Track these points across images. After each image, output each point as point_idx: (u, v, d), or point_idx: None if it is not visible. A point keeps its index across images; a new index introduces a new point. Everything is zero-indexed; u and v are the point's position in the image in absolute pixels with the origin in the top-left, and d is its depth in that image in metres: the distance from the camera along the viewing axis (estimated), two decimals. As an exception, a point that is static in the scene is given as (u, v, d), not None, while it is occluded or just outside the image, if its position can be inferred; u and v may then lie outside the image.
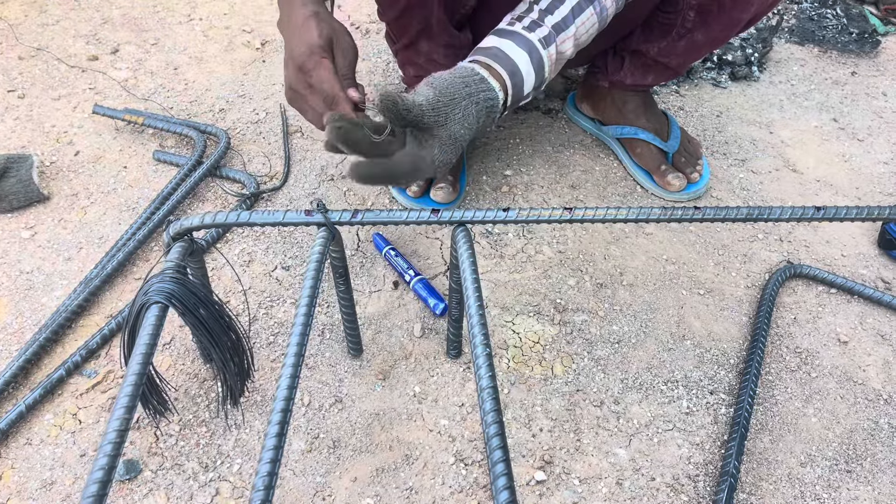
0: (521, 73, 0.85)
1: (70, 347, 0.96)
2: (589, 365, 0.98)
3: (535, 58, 0.86)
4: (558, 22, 0.89)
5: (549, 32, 0.88)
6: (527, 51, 0.86)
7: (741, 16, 1.03)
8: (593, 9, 0.91)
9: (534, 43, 0.87)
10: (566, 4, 0.90)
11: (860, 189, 1.28)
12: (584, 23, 0.91)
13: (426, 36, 1.09)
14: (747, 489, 0.87)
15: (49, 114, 1.34)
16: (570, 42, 0.91)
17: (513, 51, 0.86)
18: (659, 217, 0.78)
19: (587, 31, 0.93)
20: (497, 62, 0.84)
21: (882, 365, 1.01)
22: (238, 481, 0.84)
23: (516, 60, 0.85)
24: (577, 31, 0.91)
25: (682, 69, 1.20)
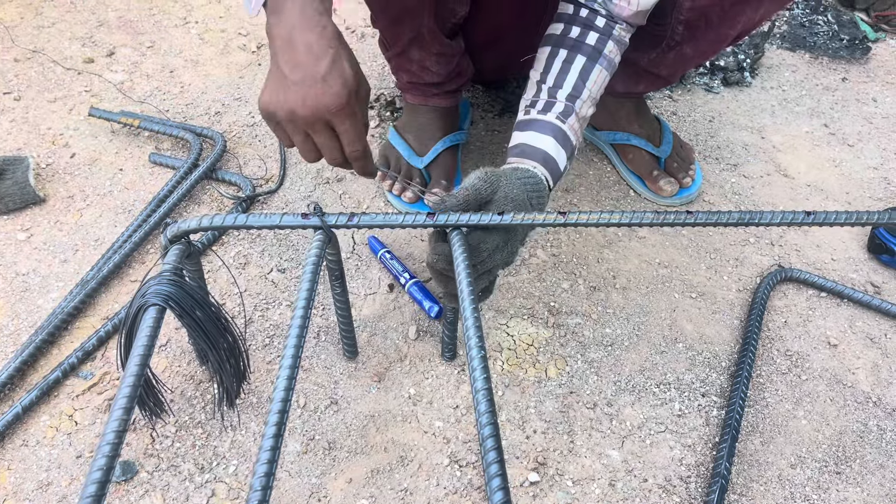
0: (553, 156, 0.89)
1: (66, 349, 0.97)
2: (582, 367, 0.99)
3: (560, 136, 0.90)
4: (570, 92, 0.93)
5: (564, 106, 0.92)
6: (550, 134, 0.90)
7: (728, 32, 1.05)
8: (600, 65, 0.95)
9: (553, 123, 0.91)
10: (572, 72, 0.94)
11: (850, 194, 1.29)
12: (595, 82, 0.95)
13: (418, 44, 1.10)
14: (738, 490, 0.88)
15: (45, 116, 1.35)
16: (588, 104, 0.95)
17: (537, 140, 0.89)
18: (652, 221, 0.78)
19: (600, 86, 0.96)
20: (527, 157, 0.88)
21: (871, 368, 1.02)
22: (234, 482, 0.85)
23: (544, 148, 0.89)
24: (591, 92, 0.95)
25: (673, 78, 1.21)
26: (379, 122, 1.37)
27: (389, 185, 1.21)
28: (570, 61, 0.95)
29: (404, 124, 1.25)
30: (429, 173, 1.20)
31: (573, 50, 0.95)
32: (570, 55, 0.95)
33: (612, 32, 0.96)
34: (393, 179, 1.20)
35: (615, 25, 0.96)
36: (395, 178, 1.20)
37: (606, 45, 0.96)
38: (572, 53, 0.95)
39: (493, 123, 1.39)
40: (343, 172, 1.26)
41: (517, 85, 1.44)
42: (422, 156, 1.21)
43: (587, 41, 0.95)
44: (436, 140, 1.21)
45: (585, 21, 0.96)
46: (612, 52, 0.96)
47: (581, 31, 0.96)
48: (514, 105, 1.41)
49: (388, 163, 1.22)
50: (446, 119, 1.23)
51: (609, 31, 0.96)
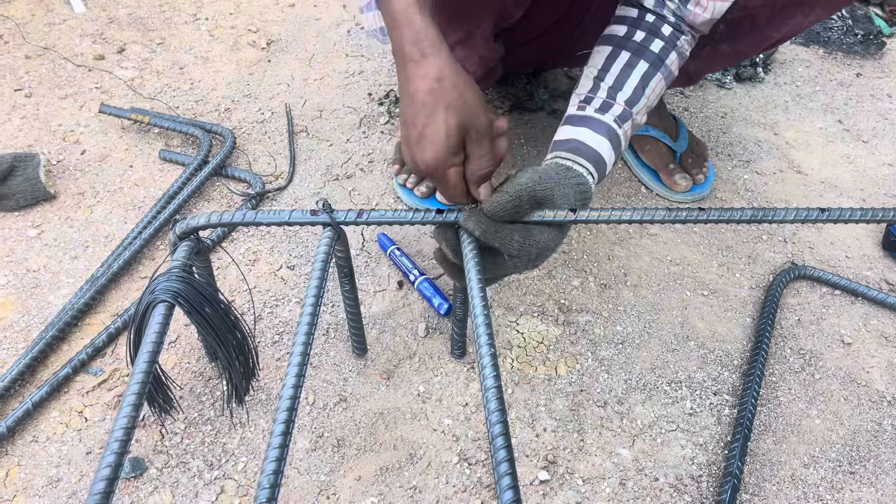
0: (604, 160, 0.86)
1: (76, 345, 0.97)
2: (593, 365, 0.98)
3: (614, 140, 0.87)
4: (630, 97, 0.90)
5: (623, 110, 0.89)
6: (605, 135, 0.87)
7: (772, 34, 1.03)
8: (661, 74, 0.93)
9: (609, 125, 0.87)
10: (633, 77, 0.91)
11: (865, 191, 1.28)
12: (653, 90, 0.92)
13: (464, 44, 1.08)
14: (750, 490, 0.87)
15: (56, 113, 1.35)
16: (643, 112, 0.93)
17: (591, 138, 0.86)
18: (664, 218, 0.78)
19: (657, 96, 0.94)
20: (579, 155, 0.84)
21: (886, 366, 1.01)
22: (243, 479, 0.85)
23: (598, 150, 0.85)
24: (648, 101, 0.92)
25: (697, 77, 1.20)
26: (389, 118, 1.37)
27: (404, 180, 1.20)
28: (631, 65, 0.92)
29: None
30: None
31: (636, 54, 0.92)
32: (632, 59, 0.92)
33: (677, 43, 0.94)
34: (408, 173, 1.20)
35: (680, 37, 0.94)
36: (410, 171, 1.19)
37: (669, 56, 0.93)
38: (635, 58, 0.92)
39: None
40: (353, 169, 1.26)
41: (527, 81, 1.44)
42: None
43: (651, 48, 0.93)
44: None
45: (651, 27, 0.94)
46: (672, 63, 0.94)
47: (646, 36, 0.93)
48: (524, 102, 1.40)
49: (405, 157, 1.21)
50: None
51: (674, 42, 0.93)
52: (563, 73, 1.49)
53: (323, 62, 1.52)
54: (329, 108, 1.40)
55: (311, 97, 1.42)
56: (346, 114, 1.38)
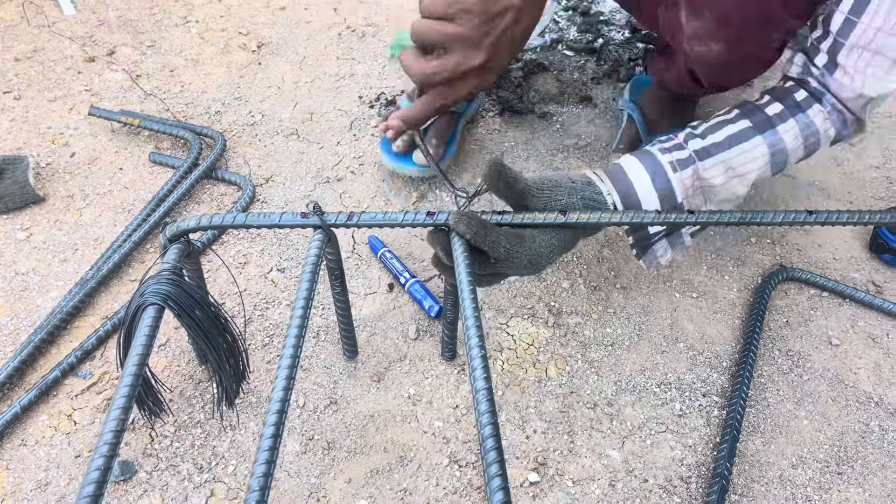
0: (637, 194, 0.79)
1: (65, 349, 0.96)
2: (583, 367, 0.99)
3: (659, 181, 0.80)
4: (706, 146, 0.82)
5: (687, 156, 0.81)
6: (650, 172, 0.80)
7: None
8: (763, 138, 0.82)
9: (662, 165, 0.80)
10: (724, 132, 0.83)
11: (852, 193, 1.29)
12: (745, 152, 0.82)
13: None
14: (739, 491, 0.87)
15: (45, 115, 1.34)
16: (720, 171, 0.82)
17: (634, 170, 0.80)
18: (653, 220, 0.78)
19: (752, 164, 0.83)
20: (610, 177, 0.79)
21: (873, 367, 1.01)
22: (233, 482, 0.84)
23: (633, 180, 0.79)
24: (732, 162, 0.82)
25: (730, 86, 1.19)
26: (380, 120, 1.37)
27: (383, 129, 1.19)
28: (732, 122, 0.84)
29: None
30: (425, 129, 1.21)
31: (744, 114, 0.84)
32: (737, 117, 0.84)
33: (805, 111, 0.83)
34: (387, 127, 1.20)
35: (813, 104, 0.84)
36: None
37: (786, 122, 0.83)
38: (741, 116, 0.84)
39: (493, 123, 1.39)
40: (343, 172, 1.26)
41: (518, 84, 1.44)
42: None
43: (766, 109, 0.84)
44: None
45: (781, 92, 0.86)
46: (787, 132, 0.82)
47: (769, 99, 0.86)
48: (513, 104, 1.40)
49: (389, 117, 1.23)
50: None
51: (800, 108, 0.83)
52: (553, 76, 1.49)
53: (314, 65, 1.52)
54: (319, 110, 1.40)
55: (302, 100, 1.42)
56: (337, 116, 1.38)
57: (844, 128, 0.88)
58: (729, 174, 0.83)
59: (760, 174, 0.85)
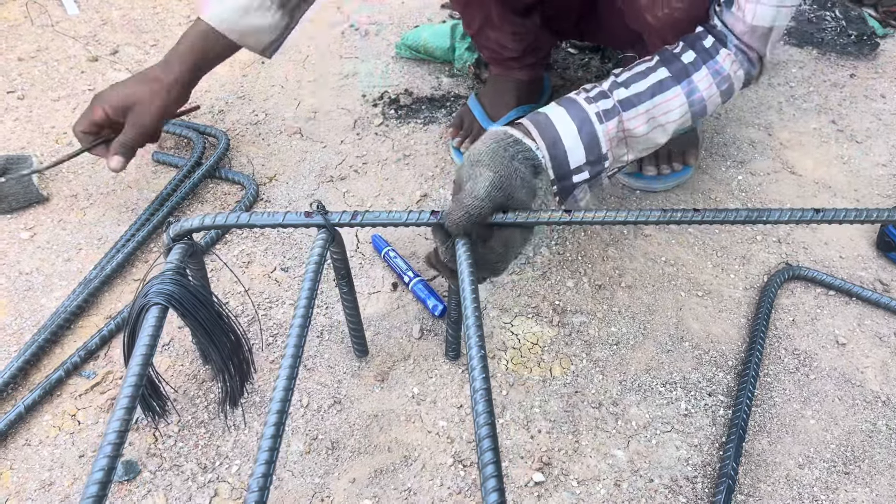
0: (564, 144, 0.80)
1: (69, 348, 0.96)
2: (587, 366, 0.98)
3: (585, 131, 0.81)
4: (629, 97, 0.84)
5: (612, 106, 0.83)
6: (577, 123, 0.81)
7: None
8: (681, 88, 0.85)
9: (588, 115, 0.81)
10: (646, 81, 0.85)
11: (859, 191, 1.28)
12: (666, 101, 0.85)
13: (490, 26, 1.18)
14: (745, 491, 0.87)
15: (48, 115, 1.34)
16: (642, 121, 0.84)
17: (561, 120, 0.80)
18: (658, 219, 0.78)
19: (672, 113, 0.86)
20: (537, 128, 0.80)
21: (880, 367, 1.01)
22: (237, 482, 0.84)
23: (560, 130, 0.80)
24: (653, 112, 0.84)
25: None
26: (383, 119, 1.37)
27: (459, 143, 1.26)
28: (652, 70, 0.86)
29: (484, 92, 1.32)
30: None
31: (663, 62, 0.87)
32: (656, 64, 0.87)
33: (715, 58, 0.86)
34: (463, 138, 1.26)
35: (720, 49, 0.87)
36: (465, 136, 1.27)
37: (699, 70, 0.86)
38: (659, 64, 0.87)
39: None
40: (347, 171, 1.26)
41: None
42: (494, 120, 1.26)
43: (682, 58, 0.87)
44: (509, 108, 1.27)
45: (693, 39, 0.88)
46: (701, 80, 0.86)
47: (682, 47, 0.88)
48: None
49: (462, 123, 1.29)
50: (524, 91, 1.29)
51: (709, 56, 0.86)
52: (557, 74, 1.49)
53: (317, 64, 1.52)
54: (323, 109, 1.40)
55: (305, 99, 1.42)
56: (340, 115, 1.38)
57: (752, 67, 0.91)
58: (651, 124, 0.85)
59: (681, 123, 0.87)
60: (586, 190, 0.86)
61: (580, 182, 0.83)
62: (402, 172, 1.26)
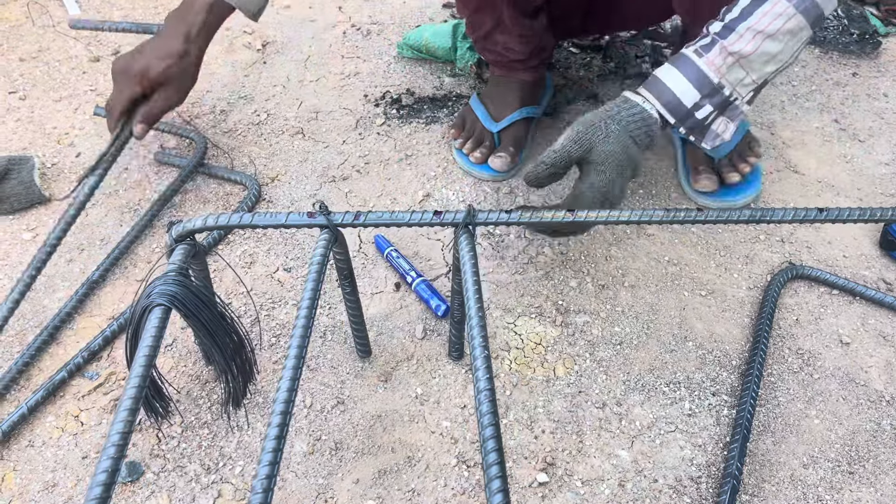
0: (673, 91, 0.87)
1: (72, 349, 0.96)
2: (591, 366, 0.98)
3: (690, 71, 0.87)
4: (726, 24, 0.87)
5: (710, 40, 0.87)
6: (680, 68, 0.87)
7: None
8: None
9: (689, 56, 0.88)
10: (738, 5, 0.86)
11: (862, 190, 1.28)
12: (766, 14, 0.84)
13: (500, 30, 1.18)
14: (750, 491, 0.87)
15: (50, 115, 1.34)
16: (747, 39, 0.85)
17: (666, 73, 0.88)
18: (661, 219, 0.78)
19: (777, 23, 0.84)
20: (646, 87, 0.88)
21: (884, 366, 1.01)
22: (240, 483, 0.84)
23: (666, 82, 0.87)
24: (758, 25, 0.84)
25: None
26: (385, 119, 1.37)
27: (461, 144, 1.26)
28: None
29: (487, 92, 1.31)
30: (499, 138, 1.25)
31: None
32: None
33: None
34: (465, 139, 1.26)
35: None
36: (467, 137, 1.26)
37: None
38: None
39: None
40: (349, 171, 1.26)
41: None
42: (497, 121, 1.26)
43: None
44: (513, 109, 1.26)
45: None
46: None
47: None
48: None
49: (464, 124, 1.28)
50: (526, 92, 1.28)
51: None
52: (559, 73, 1.49)
53: (319, 64, 1.52)
54: (325, 109, 1.39)
55: (307, 99, 1.42)
56: (342, 115, 1.38)
57: None
58: (759, 38, 0.85)
59: (795, 25, 0.85)
60: (726, 122, 0.91)
61: (707, 116, 0.88)
62: (405, 172, 1.26)
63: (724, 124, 0.91)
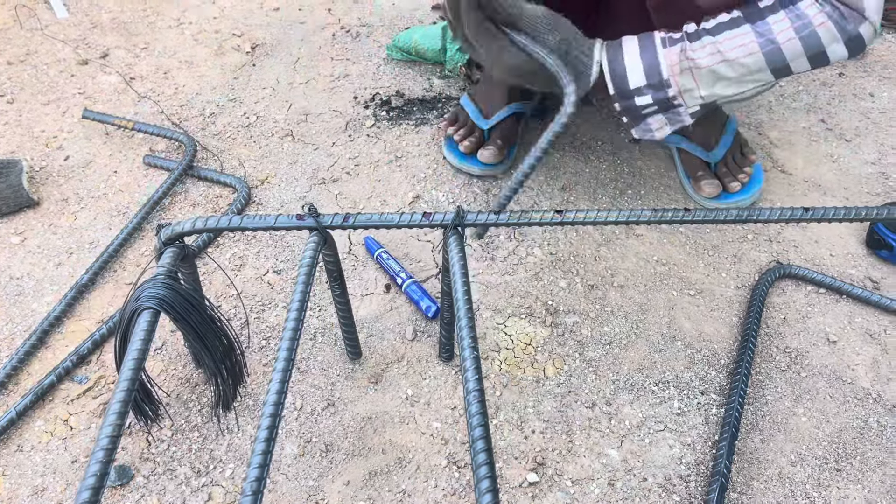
0: (624, 63, 0.87)
1: (61, 353, 0.96)
2: (580, 366, 0.99)
3: (647, 52, 0.87)
4: (698, 30, 0.88)
5: (679, 36, 0.88)
6: (640, 44, 0.87)
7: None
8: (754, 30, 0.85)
9: (654, 39, 0.88)
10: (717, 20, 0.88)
11: (848, 189, 1.29)
12: (734, 38, 0.86)
13: None
14: (738, 489, 0.87)
15: (38, 119, 1.34)
16: (707, 52, 0.86)
17: (628, 42, 0.88)
18: (649, 219, 0.78)
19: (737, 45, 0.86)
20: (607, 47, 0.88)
21: (871, 364, 1.01)
22: (231, 486, 0.84)
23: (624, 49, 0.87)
24: (722, 45, 0.86)
25: None
26: (375, 121, 1.37)
27: (454, 131, 1.27)
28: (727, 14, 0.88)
29: (478, 90, 1.31)
30: (489, 135, 1.27)
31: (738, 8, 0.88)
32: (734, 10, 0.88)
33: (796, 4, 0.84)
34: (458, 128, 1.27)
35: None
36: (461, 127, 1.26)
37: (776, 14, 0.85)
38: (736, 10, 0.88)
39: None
40: (339, 173, 1.26)
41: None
42: (487, 118, 1.27)
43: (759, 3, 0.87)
44: (503, 106, 1.27)
45: None
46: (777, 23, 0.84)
47: None
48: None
49: (457, 120, 1.29)
50: (516, 89, 1.29)
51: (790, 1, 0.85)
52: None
53: (308, 66, 1.52)
54: (314, 111, 1.40)
55: (297, 101, 1.42)
56: (332, 117, 1.38)
57: (846, 22, 0.85)
58: (716, 57, 0.86)
59: (753, 63, 0.87)
60: (663, 121, 0.91)
61: (645, 107, 0.88)
62: (394, 174, 1.26)
63: (661, 123, 0.91)
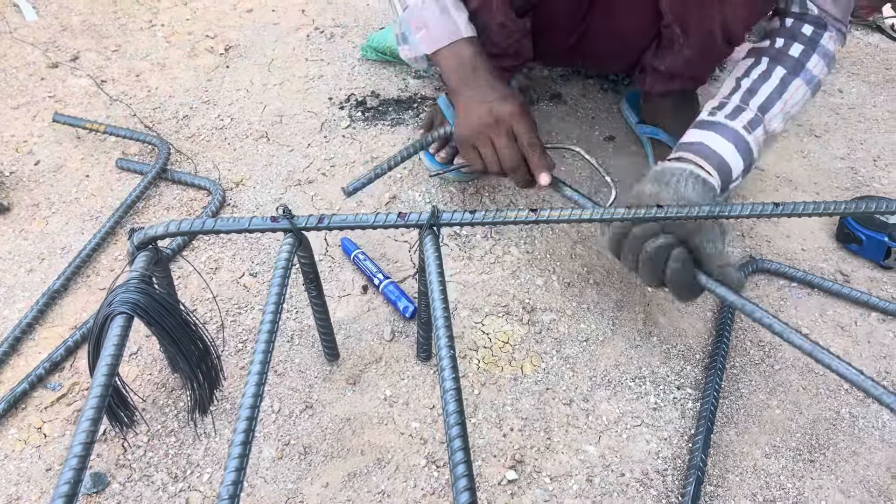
0: (730, 165, 0.91)
1: (33, 360, 0.95)
2: (558, 364, 0.99)
3: (741, 146, 0.91)
4: (763, 102, 0.92)
5: (754, 116, 0.92)
6: (732, 141, 0.90)
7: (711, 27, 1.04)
8: (801, 79, 0.94)
9: (737, 131, 0.91)
10: (769, 83, 0.93)
11: (819, 184, 1.31)
12: (792, 95, 0.94)
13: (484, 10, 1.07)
14: (714, 482, 0.88)
15: (8, 123, 1.32)
16: (779, 119, 0.94)
17: (717, 143, 0.90)
18: (623, 217, 0.79)
19: (797, 102, 0.95)
20: (702, 157, 0.89)
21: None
22: (208, 490, 0.84)
23: (722, 154, 0.90)
24: (786, 107, 0.94)
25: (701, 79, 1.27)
26: (350, 121, 1.37)
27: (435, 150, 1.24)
28: (769, 71, 0.94)
29: None
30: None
31: (774, 61, 0.95)
32: (770, 64, 0.95)
33: (819, 42, 0.95)
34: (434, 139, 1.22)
35: (823, 34, 0.95)
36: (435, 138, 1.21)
37: (810, 59, 0.95)
38: (773, 64, 0.95)
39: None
40: (314, 174, 1.25)
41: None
42: None
43: (790, 52, 0.95)
44: None
45: (790, 31, 0.96)
46: (815, 66, 0.95)
47: (785, 42, 0.96)
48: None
49: (432, 125, 1.26)
50: None
51: (815, 43, 0.95)
52: (522, 74, 1.50)
53: (282, 67, 1.51)
54: (289, 112, 1.39)
55: (271, 102, 1.41)
56: (307, 118, 1.38)
57: (843, 39, 1.00)
58: (786, 117, 0.95)
59: (807, 101, 0.98)
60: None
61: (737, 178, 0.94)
62: (370, 175, 1.26)
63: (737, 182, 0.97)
